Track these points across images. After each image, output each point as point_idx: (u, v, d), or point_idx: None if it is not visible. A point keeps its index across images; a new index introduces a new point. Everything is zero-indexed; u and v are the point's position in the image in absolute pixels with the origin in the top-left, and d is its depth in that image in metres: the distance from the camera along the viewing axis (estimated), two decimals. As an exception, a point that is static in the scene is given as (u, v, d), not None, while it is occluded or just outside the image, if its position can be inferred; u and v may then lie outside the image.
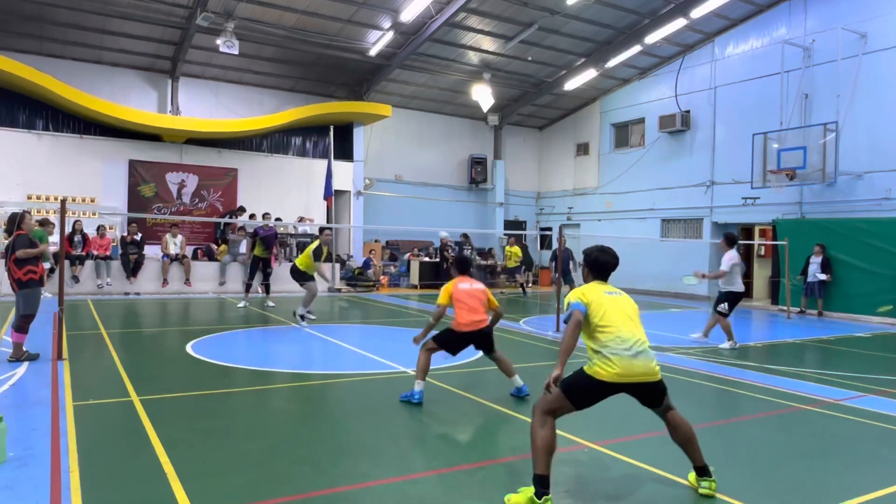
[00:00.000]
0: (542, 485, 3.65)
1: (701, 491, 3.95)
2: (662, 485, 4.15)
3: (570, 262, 16.71)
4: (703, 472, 3.99)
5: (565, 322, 3.99)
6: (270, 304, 13.87)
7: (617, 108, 22.15)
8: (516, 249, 19.46)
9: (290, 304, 13.25)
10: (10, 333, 7.56)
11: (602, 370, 3.87)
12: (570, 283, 16.47)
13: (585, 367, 3.99)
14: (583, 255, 4.45)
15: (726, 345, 9.77)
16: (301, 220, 19.19)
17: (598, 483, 4.20)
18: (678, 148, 19.79)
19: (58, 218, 8.26)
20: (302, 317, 11.21)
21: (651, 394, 4.00)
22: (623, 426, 5.43)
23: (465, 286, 6.34)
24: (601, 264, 4.32)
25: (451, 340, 6.22)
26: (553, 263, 16.91)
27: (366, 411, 5.76)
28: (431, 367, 6.25)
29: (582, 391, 3.94)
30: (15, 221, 7.51)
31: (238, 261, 17.22)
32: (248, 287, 14.21)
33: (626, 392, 3.93)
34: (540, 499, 3.60)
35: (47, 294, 12.39)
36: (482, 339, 6.30)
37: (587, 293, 4.06)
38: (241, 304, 13.71)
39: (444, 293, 6.27)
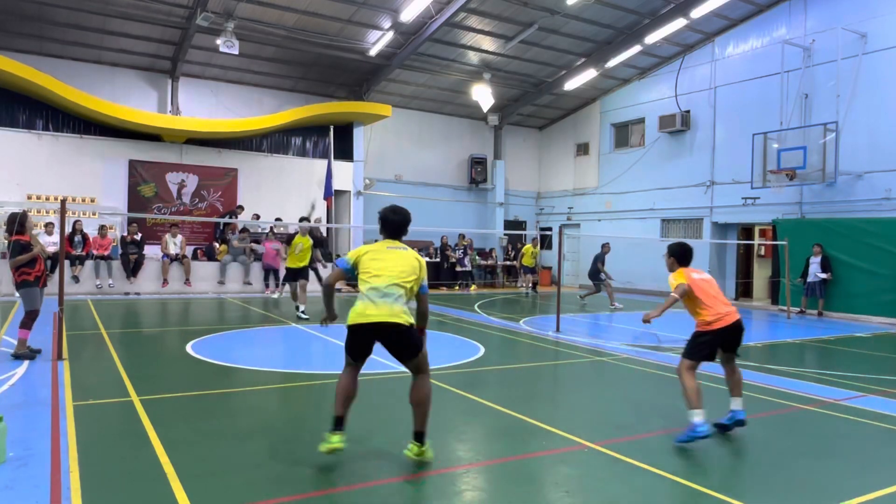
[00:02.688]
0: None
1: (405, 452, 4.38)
2: (663, 485, 4.15)
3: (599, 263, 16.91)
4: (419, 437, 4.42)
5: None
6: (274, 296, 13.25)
7: (617, 108, 22.15)
8: (533, 248, 19.52)
9: (293, 304, 13.23)
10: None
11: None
12: (598, 285, 16.64)
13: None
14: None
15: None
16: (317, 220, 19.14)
17: (598, 483, 4.20)
18: (678, 148, 19.79)
19: (58, 218, 8.25)
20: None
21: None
22: (623, 426, 5.43)
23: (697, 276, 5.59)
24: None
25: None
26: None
27: (366, 411, 5.75)
28: (430, 367, 6.23)
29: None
30: (15, 222, 7.55)
31: (238, 261, 17.22)
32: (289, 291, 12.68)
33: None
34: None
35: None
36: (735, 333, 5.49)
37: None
38: (299, 310, 12.29)
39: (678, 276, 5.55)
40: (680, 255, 5.72)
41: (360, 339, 4.45)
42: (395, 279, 4.41)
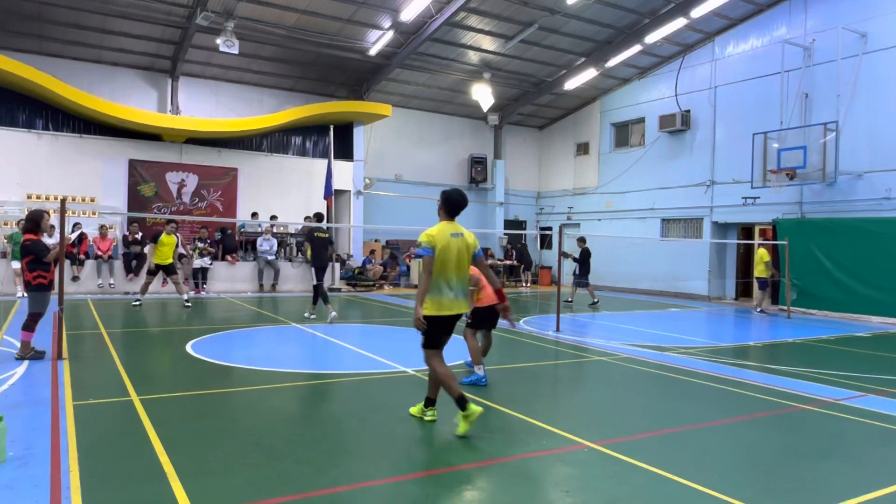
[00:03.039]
0: None
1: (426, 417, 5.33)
2: (662, 485, 4.15)
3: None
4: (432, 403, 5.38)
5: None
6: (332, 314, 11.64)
7: (617, 108, 22.15)
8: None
9: (294, 303, 13.23)
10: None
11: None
12: (582, 283, 16.56)
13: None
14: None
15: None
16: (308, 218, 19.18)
17: (598, 483, 4.20)
18: (678, 148, 19.79)
19: (58, 218, 8.24)
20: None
21: None
22: (623, 426, 5.43)
23: None
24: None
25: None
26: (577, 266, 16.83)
27: (366, 411, 5.76)
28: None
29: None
30: (30, 220, 7.56)
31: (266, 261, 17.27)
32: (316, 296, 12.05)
33: None
34: None
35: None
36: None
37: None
38: (307, 314, 12.13)
39: None
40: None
41: (442, 329, 5.10)
42: (463, 272, 5.15)
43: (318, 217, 12.89)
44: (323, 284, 11.98)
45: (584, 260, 16.71)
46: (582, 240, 16.85)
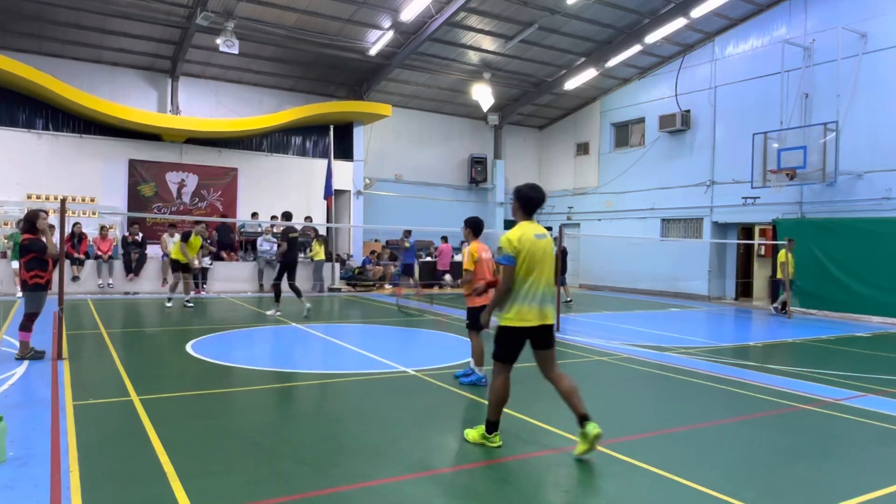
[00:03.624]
0: None
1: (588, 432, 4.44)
2: (662, 485, 4.15)
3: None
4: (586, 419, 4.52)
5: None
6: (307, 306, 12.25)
7: (617, 108, 22.15)
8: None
9: (294, 304, 13.22)
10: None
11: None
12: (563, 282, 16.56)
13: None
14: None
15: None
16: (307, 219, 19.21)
17: (598, 483, 4.20)
18: (678, 148, 19.79)
19: (58, 218, 8.24)
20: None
21: None
22: (623, 426, 5.43)
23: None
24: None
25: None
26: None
27: (366, 411, 5.75)
28: (431, 367, 6.25)
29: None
30: (28, 220, 7.55)
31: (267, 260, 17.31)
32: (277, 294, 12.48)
33: None
34: None
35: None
36: None
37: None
38: (271, 313, 12.29)
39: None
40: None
41: (520, 342, 4.64)
42: (550, 277, 4.64)
43: (287, 216, 12.95)
44: (289, 282, 12.29)
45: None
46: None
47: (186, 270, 13.41)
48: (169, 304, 13.34)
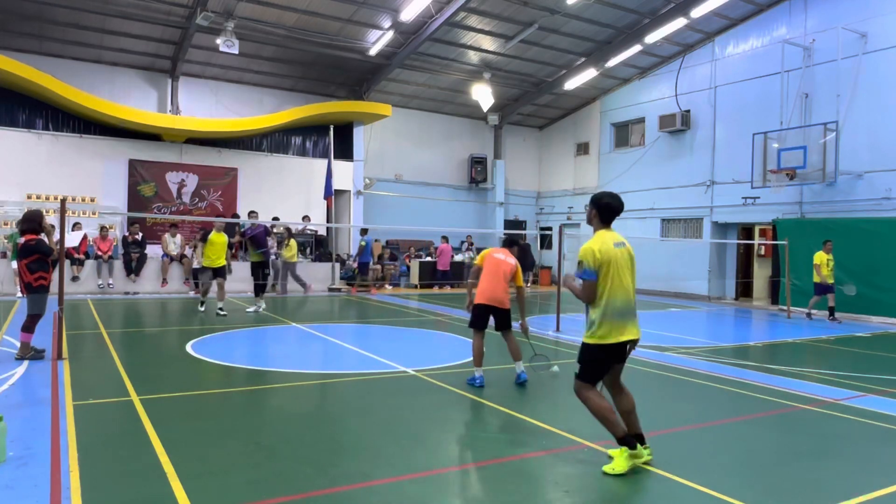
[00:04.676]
0: None
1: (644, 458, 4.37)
2: (663, 485, 4.15)
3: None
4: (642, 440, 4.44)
5: None
6: (250, 309, 12.69)
7: (617, 108, 22.15)
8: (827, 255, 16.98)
9: (294, 304, 13.22)
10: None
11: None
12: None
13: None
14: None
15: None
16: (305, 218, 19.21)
17: (598, 483, 4.20)
18: (678, 147, 19.79)
19: (57, 218, 8.24)
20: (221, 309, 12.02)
21: None
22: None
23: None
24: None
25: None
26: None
27: (366, 411, 5.75)
28: (431, 367, 6.26)
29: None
30: (32, 220, 7.52)
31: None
32: (257, 289, 13.06)
33: None
34: None
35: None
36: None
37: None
38: (252, 310, 12.72)
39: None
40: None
41: (606, 359, 4.44)
42: (632, 288, 4.46)
43: (252, 214, 13.48)
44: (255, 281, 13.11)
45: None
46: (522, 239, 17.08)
47: (219, 274, 12.30)
48: (223, 313, 11.92)
